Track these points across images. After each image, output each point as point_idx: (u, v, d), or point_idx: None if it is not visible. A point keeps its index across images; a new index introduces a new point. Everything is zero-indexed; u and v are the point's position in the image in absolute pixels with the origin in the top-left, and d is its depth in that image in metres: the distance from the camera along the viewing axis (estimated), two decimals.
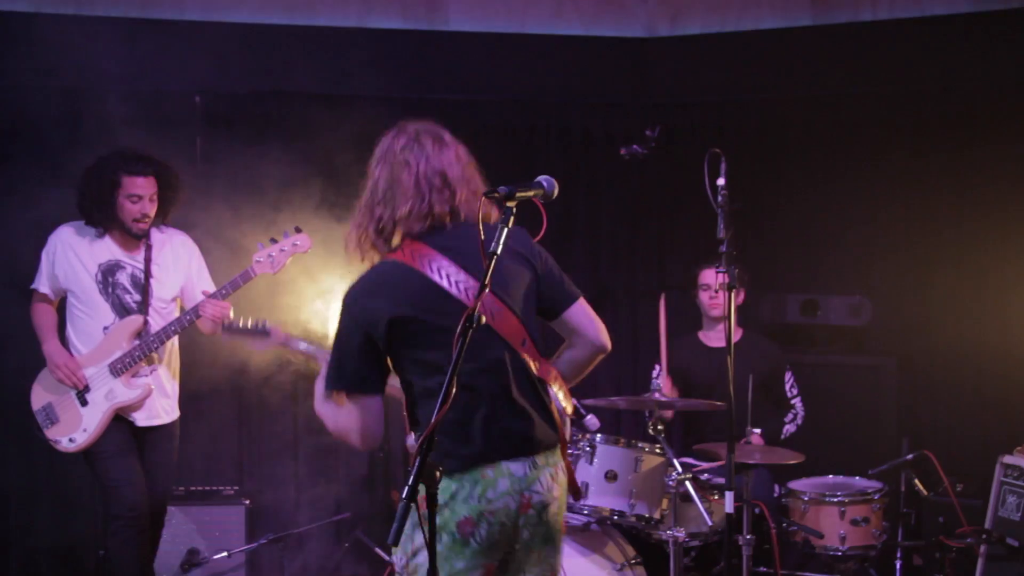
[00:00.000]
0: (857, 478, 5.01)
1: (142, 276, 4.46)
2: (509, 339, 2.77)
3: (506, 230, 2.54)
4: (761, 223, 6.06)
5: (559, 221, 6.10)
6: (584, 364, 3.00)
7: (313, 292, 4.56)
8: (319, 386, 2.96)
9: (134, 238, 4.44)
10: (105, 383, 4.35)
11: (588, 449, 4.43)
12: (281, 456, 5.91)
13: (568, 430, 2.93)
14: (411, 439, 2.91)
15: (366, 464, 5.94)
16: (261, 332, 3.53)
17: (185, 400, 4.71)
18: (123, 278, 4.44)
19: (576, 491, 3.09)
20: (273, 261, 4.36)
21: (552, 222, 2.85)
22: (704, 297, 5.27)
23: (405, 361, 2.77)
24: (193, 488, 5.51)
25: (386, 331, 2.71)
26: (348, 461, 5.95)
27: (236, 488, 5.57)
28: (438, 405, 2.34)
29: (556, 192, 2.73)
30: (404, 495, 2.31)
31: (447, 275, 2.73)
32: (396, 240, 2.84)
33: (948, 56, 5.70)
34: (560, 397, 2.90)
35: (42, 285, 4.47)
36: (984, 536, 4.55)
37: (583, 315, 2.95)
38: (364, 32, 5.95)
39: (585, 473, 4.40)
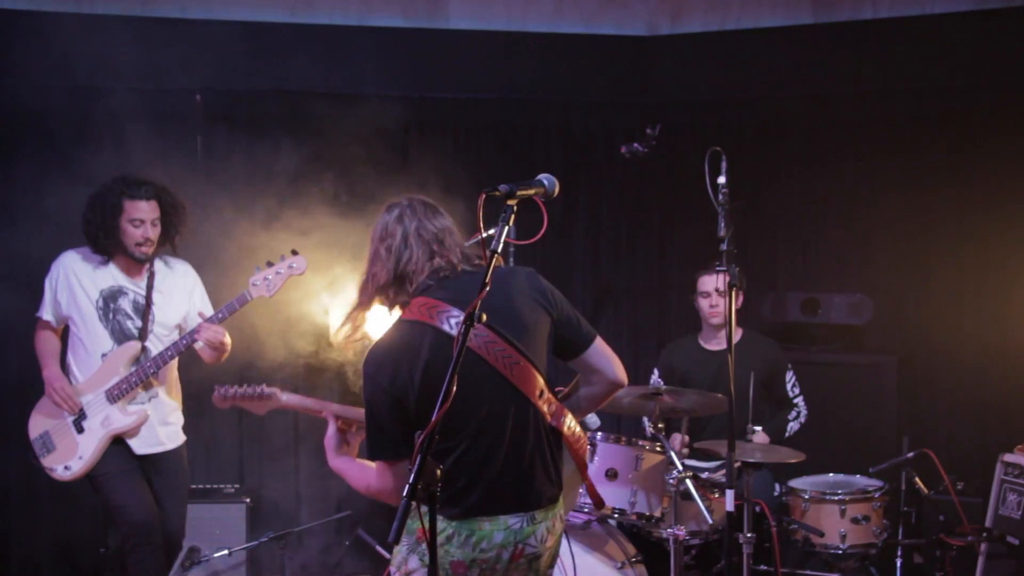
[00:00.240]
0: (858, 476, 5.01)
1: (144, 302, 4.43)
2: (527, 392, 2.77)
3: (507, 227, 2.54)
4: (762, 221, 6.06)
5: (560, 219, 6.11)
6: (602, 399, 3.03)
7: (319, 285, 4.57)
8: (329, 442, 2.99)
9: (137, 263, 4.40)
10: (101, 410, 4.31)
11: (588, 447, 4.43)
12: (282, 454, 5.91)
13: (588, 451, 2.93)
14: None
15: None
16: (259, 396, 3.45)
17: (186, 398, 4.71)
18: (125, 304, 4.40)
19: (599, 502, 3.12)
20: (269, 284, 4.31)
21: (553, 220, 2.85)
22: (704, 305, 5.22)
23: (425, 419, 2.72)
24: (194, 486, 5.50)
25: (417, 394, 2.70)
26: None
27: (237, 486, 5.58)
28: (439, 404, 2.34)
29: (557, 190, 2.73)
30: (405, 493, 2.32)
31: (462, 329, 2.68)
32: (396, 308, 2.84)
33: (948, 54, 5.70)
34: (576, 427, 2.90)
35: (45, 312, 4.44)
36: (984, 534, 4.56)
37: (601, 355, 2.95)
38: (365, 30, 5.95)
39: None
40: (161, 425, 4.46)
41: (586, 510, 4.44)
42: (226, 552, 5.17)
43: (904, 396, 5.70)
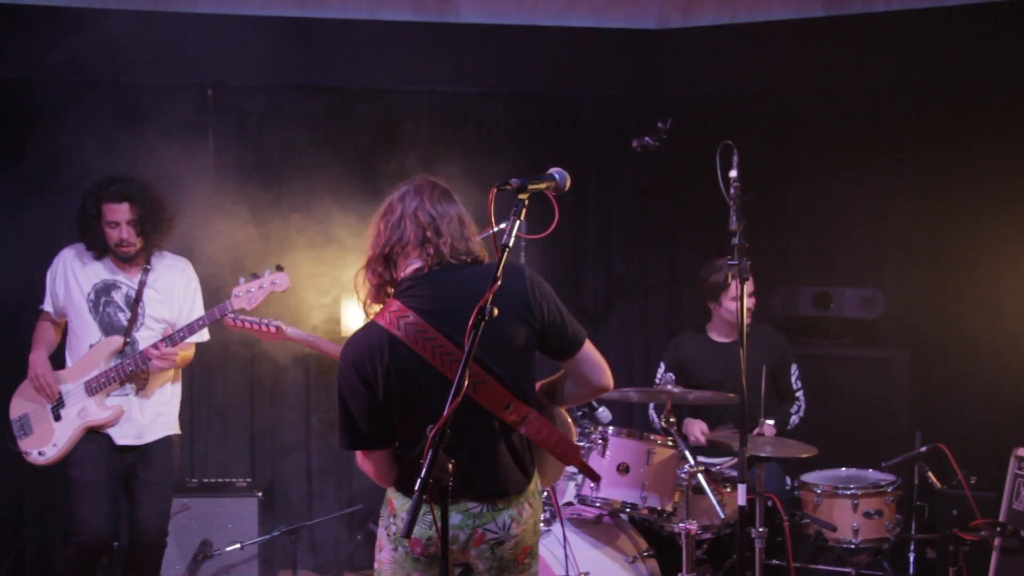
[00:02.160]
0: (870, 471, 5.00)
1: (135, 296, 4.44)
2: (491, 408, 2.75)
3: (518, 222, 2.54)
4: (773, 215, 6.05)
5: (571, 213, 6.10)
6: (584, 398, 3.06)
7: (328, 279, 4.58)
8: None
9: (124, 262, 4.42)
10: (80, 400, 4.34)
11: (600, 441, 4.43)
12: (294, 448, 5.92)
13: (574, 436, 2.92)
14: None
15: None
16: (264, 328, 3.52)
17: (198, 393, 4.73)
18: (118, 297, 4.43)
19: (593, 476, 3.11)
20: (251, 297, 4.22)
21: (564, 214, 2.84)
22: (735, 307, 5.03)
23: (395, 421, 2.78)
24: (206, 480, 5.55)
25: (383, 391, 2.72)
26: None
27: (249, 480, 5.59)
28: (450, 397, 2.34)
29: (568, 184, 2.73)
30: (416, 488, 2.32)
31: (421, 338, 2.70)
32: (389, 290, 2.83)
33: (961, 47, 5.67)
34: (549, 430, 2.86)
35: (46, 304, 4.51)
36: (998, 529, 4.54)
37: (587, 362, 2.91)
38: (375, 24, 5.95)
39: (597, 466, 4.39)
40: (147, 419, 4.43)
41: (598, 504, 4.44)
42: (238, 546, 5.19)
43: (917, 390, 5.68)
